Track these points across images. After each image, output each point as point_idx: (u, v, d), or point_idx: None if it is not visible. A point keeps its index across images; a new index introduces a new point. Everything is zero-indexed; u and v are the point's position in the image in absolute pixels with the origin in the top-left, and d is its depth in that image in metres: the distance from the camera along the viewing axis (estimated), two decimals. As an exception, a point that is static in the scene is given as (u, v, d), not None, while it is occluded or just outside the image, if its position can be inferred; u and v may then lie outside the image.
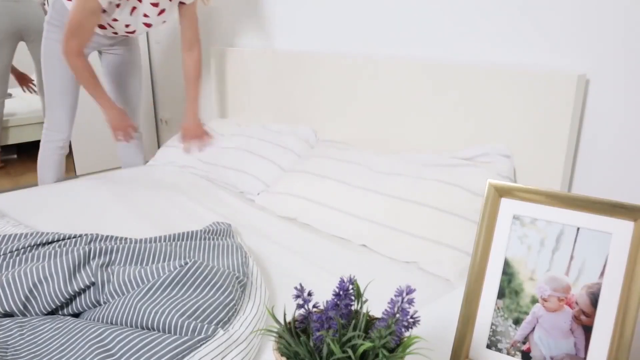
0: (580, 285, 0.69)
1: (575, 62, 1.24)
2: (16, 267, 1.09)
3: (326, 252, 1.33)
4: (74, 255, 1.05)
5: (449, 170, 1.35)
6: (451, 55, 1.49)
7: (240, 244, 1.27)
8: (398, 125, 1.61)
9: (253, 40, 2.20)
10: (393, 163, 1.47)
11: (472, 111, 1.40)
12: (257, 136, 1.92)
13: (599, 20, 1.18)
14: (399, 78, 1.56)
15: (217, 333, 0.86)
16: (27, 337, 0.92)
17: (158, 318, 0.88)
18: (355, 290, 0.66)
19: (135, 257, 1.13)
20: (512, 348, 0.73)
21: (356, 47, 1.76)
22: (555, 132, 1.24)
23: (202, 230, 1.34)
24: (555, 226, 0.72)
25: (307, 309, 0.66)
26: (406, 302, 0.63)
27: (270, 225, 1.51)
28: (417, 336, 0.62)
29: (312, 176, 1.56)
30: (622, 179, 1.21)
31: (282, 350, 0.64)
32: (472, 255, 0.76)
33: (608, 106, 1.21)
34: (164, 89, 2.95)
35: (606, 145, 1.23)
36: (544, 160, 1.28)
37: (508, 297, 0.74)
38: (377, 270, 1.24)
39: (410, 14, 1.56)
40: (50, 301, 0.99)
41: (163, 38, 2.83)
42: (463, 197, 1.28)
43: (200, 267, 1.01)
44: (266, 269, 1.24)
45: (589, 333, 0.68)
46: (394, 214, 1.32)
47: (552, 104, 1.23)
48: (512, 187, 0.75)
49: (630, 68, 1.15)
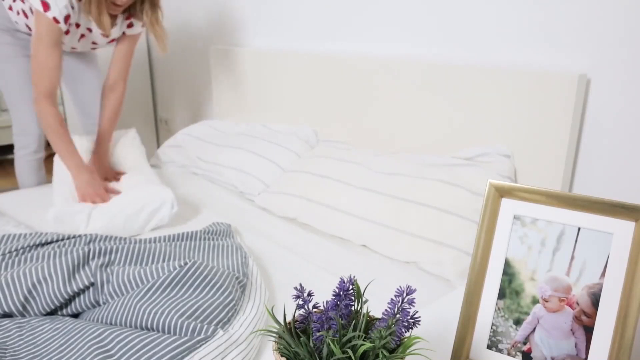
0: (581, 286, 0.69)
1: (576, 62, 1.24)
2: (15, 267, 1.09)
3: (326, 252, 1.33)
4: (73, 255, 1.05)
5: (449, 170, 1.35)
6: (452, 56, 1.49)
7: (240, 244, 1.27)
8: (398, 125, 1.60)
9: (253, 40, 2.19)
10: (393, 163, 1.46)
11: (473, 111, 1.40)
12: (257, 136, 1.92)
13: (600, 20, 1.18)
14: (399, 78, 1.56)
15: (217, 333, 0.86)
16: (26, 337, 0.92)
17: (157, 318, 0.88)
18: (356, 290, 0.66)
19: (134, 258, 1.12)
20: (513, 348, 0.73)
21: (356, 47, 1.75)
22: (556, 131, 1.24)
23: (201, 230, 1.34)
24: (556, 226, 0.72)
25: (307, 309, 0.66)
26: (406, 303, 0.63)
27: (270, 225, 1.51)
28: (417, 336, 0.62)
29: (312, 176, 1.56)
30: (623, 178, 1.21)
31: (282, 350, 0.64)
32: (473, 255, 0.76)
33: (609, 106, 1.20)
34: (164, 89, 2.95)
35: (607, 145, 1.23)
36: (544, 160, 1.28)
37: (509, 298, 0.74)
38: (377, 270, 1.23)
39: (410, 14, 1.56)
40: (50, 301, 0.99)
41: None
42: (463, 197, 1.27)
43: (199, 268, 1.01)
44: (266, 269, 1.23)
45: (590, 333, 0.68)
46: (394, 214, 1.32)
47: (553, 104, 1.23)
48: (513, 187, 0.74)
49: (631, 68, 1.15)
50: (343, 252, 1.33)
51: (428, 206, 1.29)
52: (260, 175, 1.74)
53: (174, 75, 2.83)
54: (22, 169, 1.93)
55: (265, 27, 2.11)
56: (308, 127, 1.89)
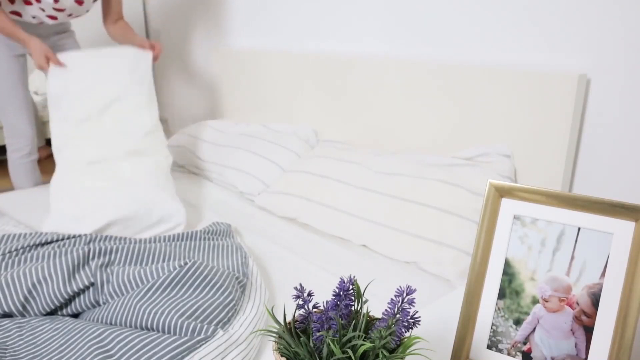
0: (581, 286, 0.69)
1: (576, 62, 1.24)
2: (15, 267, 1.09)
3: (326, 252, 1.33)
4: (73, 255, 1.05)
5: (449, 170, 1.35)
6: (451, 56, 1.49)
7: (240, 244, 1.26)
8: (398, 126, 1.60)
9: (253, 40, 2.19)
10: (393, 163, 1.46)
11: (473, 111, 1.40)
12: (257, 136, 1.92)
13: (600, 20, 1.18)
14: (400, 78, 1.56)
15: (217, 333, 0.86)
16: (26, 337, 0.92)
17: (157, 318, 0.88)
18: (356, 290, 0.66)
19: (134, 258, 1.12)
20: (513, 348, 0.73)
21: (357, 48, 1.75)
22: (556, 131, 1.24)
23: (201, 230, 1.34)
24: (556, 226, 0.72)
25: (307, 309, 0.66)
26: (406, 303, 0.63)
27: (270, 225, 1.51)
28: (417, 336, 0.62)
29: (312, 176, 1.56)
30: (623, 178, 1.21)
31: (282, 350, 0.64)
32: (473, 255, 0.76)
33: (609, 106, 1.20)
34: (164, 89, 2.95)
35: (607, 145, 1.23)
36: (544, 160, 1.28)
37: (509, 298, 0.73)
38: (377, 270, 1.23)
39: (410, 15, 1.56)
40: (50, 301, 0.99)
41: (163, 38, 2.83)
42: (463, 197, 1.27)
43: (199, 268, 1.01)
44: (266, 269, 1.23)
45: (590, 333, 0.68)
46: (394, 214, 1.32)
47: (553, 104, 1.23)
48: (513, 187, 0.74)
49: (631, 68, 1.15)
50: (343, 252, 1.33)
51: (428, 206, 1.29)
52: (261, 175, 1.74)
53: (173, 75, 2.83)
54: (17, 172, 1.91)
55: (265, 27, 2.11)
56: (308, 127, 1.89)
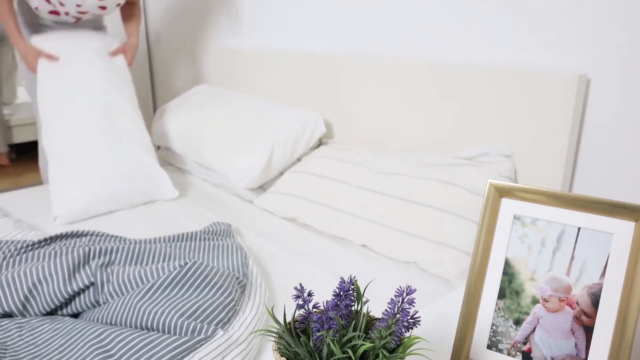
0: (581, 286, 0.69)
1: (576, 62, 1.24)
2: (16, 267, 1.08)
3: (326, 252, 1.33)
4: (73, 255, 1.05)
5: (449, 170, 1.35)
6: (451, 56, 1.49)
7: (240, 245, 1.26)
8: (398, 126, 1.60)
9: (253, 40, 2.19)
10: (393, 163, 1.46)
11: (472, 111, 1.40)
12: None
13: (600, 19, 1.18)
14: (399, 78, 1.56)
15: (217, 333, 0.86)
16: (26, 337, 0.92)
17: (157, 318, 0.88)
18: (356, 290, 0.66)
19: (134, 258, 1.12)
20: (513, 349, 0.73)
21: (356, 47, 1.75)
22: (555, 131, 1.24)
23: (201, 230, 1.34)
24: (556, 226, 0.72)
25: (307, 309, 0.66)
26: (406, 303, 0.63)
27: (270, 225, 1.51)
28: (417, 336, 0.62)
29: (312, 176, 1.56)
30: (623, 178, 1.21)
31: (282, 350, 0.64)
32: (473, 255, 0.76)
33: (609, 106, 1.20)
34: (164, 89, 2.95)
35: (607, 145, 1.23)
36: (544, 160, 1.28)
37: (509, 298, 0.74)
38: (377, 270, 1.23)
39: (410, 15, 1.56)
40: (50, 301, 0.99)
41: (163, 38, 2.83)
42: (463, 197, 1.27)
43: (199, 268, 1.01)
44: (266, 269, 1.23)
45: (590, 333, 0.68)
46: (394, 214, 1.32)
47: (553, 104, 1.23)
48: (513, 187, 0.74)
49: (631, 68, 1.15)
50: (343, 252, 1.33)
51: (428, 206, 1.29)
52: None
53: (173, 75, 2.83)
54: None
55: (265, 27, 2.11)
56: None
